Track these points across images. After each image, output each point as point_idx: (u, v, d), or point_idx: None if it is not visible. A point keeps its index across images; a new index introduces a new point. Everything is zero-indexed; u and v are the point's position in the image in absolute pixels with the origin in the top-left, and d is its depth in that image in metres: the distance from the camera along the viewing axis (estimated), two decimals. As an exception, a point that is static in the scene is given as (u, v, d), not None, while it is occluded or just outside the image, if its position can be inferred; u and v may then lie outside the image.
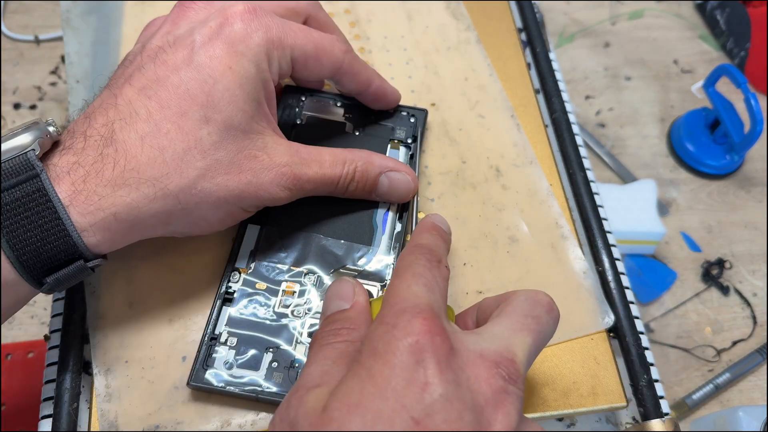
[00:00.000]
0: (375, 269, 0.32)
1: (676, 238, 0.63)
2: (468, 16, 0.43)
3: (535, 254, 0.35)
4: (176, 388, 0.30)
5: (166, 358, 0.31)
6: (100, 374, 0.30)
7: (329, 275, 0.32)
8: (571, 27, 0.76)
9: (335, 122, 0.36)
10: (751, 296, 0.60)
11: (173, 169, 0.27)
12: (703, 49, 0.75)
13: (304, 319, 0.31)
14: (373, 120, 0.37)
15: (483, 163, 0.37)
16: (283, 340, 0.30)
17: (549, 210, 0.36)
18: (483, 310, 0.28)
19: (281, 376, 0.30)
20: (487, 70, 0.41)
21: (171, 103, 0.27)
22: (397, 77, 0.40)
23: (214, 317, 0.31)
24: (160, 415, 0.30)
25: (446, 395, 0.21)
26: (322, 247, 0.33)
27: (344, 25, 0.42)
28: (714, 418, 0.51)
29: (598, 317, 0.33)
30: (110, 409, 0.30)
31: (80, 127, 0.27)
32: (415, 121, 0.37)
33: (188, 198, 0.27)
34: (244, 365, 0.30)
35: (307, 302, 0.31)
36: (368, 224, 0.34)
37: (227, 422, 0.30)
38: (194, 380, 0.29)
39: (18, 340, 0.53)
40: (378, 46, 0.41)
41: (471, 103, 0.40)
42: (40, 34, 0.69)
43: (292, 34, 0.30)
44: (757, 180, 0.66)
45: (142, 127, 0.27)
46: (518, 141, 0.38)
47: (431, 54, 0.41)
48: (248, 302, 0.31)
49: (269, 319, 0.31)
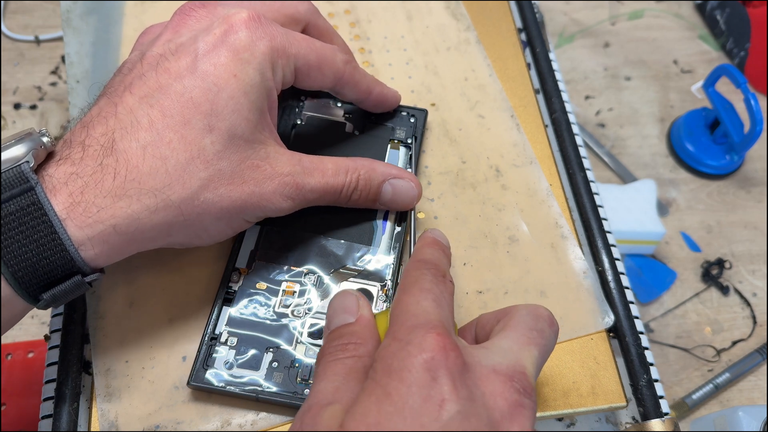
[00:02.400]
0: (375, 269, 0.32)
1: (675, 238, 0.63)
2: (468, 16, 0.43)
3: (534, 254, 0.35)
4: (176, 387, 0.30)
5: (166, 358, 0.31)
6: (100, 374, 0.30)
7: (329, 275, 0.32)
8: (571, 27, 0.76)
9: (335, 122, 0.37)
10: (751, 296, 0.60)
11: (176, 180, 0.26)
12: (702, 49, 0.75)
13: (304, 319, 0.31)
14: (373, 120, 0.37)
15: (483, 163, 0.37)
16: (284, 340, 0.30)
17: (549, 210, 0.36)
18: (482, 326, 0.28)
19: (281, 375, 0.30)
20: (486, 70, 0.41)
21: (174, 112, 0.26)
22: (397, 77, 0.40)
23: (214, 317, 0.31)
24: (160, 414, 0.30)
25: (463, 412, 0.21)
26: (322, 247, 0.33)
27: (344, 25, 0.42)
28: (714, 418, 0.51)
29: (598, 317, 0.33)
30: (110, 409, 0.30)
31: (78, 137, 0.26)
32: (415, 122, 0.37)
33: (191, 209, 0.27)
34: (245, 365, 0.30)
35: (307, 302, 0.31)
36: (368, 224, 0.34)
37: (227, 422, 0.30)
38: (194, 380, 0.29)
39: (18, 340, 0.53)
40: (378, 47, 0.42)
41: (471, 103, 0.40)
42: (41, 34, 0.69)
43: (296, 44, 0.30)
44: (757, 180, 0.66)
45: (144, 136, 0.26)
46: (518, 141, 0.38)
47: (431, 54, 0.41)
48: (248, 302, 0.31)
49: (269, 319, 0.31)
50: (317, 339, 0.31)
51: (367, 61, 0.41)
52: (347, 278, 0.32)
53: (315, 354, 0.30)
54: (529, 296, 0.33)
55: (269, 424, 0.30)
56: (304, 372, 0.30)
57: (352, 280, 0.32)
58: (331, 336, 0.26)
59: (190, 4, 0.30)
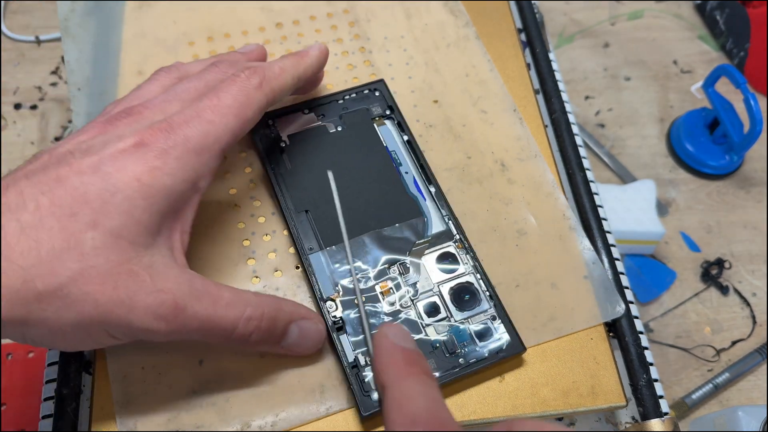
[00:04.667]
0: (439, 231, 0.34)
1: (675, 238, 0.63)
2: (466, 13, 0.43)
3: (543, 246, 0.35)
4: (194, 392, 0.30)
5: (183, 362, 0.31)
6: (117, 381, 0.30)
7: (408, 257, 0.33)
8: (571, 27, 0.76)
9: (315, 128, 0.37)
10: (751, 296, 0.60)
11: (46, 265, 0.24)
12: (702, 49, 0.75)
13: (415, 306, 0.32)
14: (344, 110, 0.37)
15: (488, 158, 0.38)
16: (413, 332, 0.31)
17: (555, 202, 0.36)
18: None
19: (433, 361, 0.30)
20: (487, 65, 0.41)
21: (63, 203, 0.25)
22: (397, 77, 0.40)
23: (340, 350, 0.30)
24: (180, 419, 0.30)
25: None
26: (384, 238, 0.33)
27: (343, 24, 0.42)
28: (713, 418, 0.51)
29: (610, 306, 0.33)
30: (129, 416, 0.30)
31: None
32: (381, 93, 0.38)
33: (52, 301, 0.25)
34: None
35: (408, 290, 0.32)
36: (407, 198, 0.35)
37: (247, 424, 0.30)
38: (366, 408, 0.29)
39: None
40: (378, 46, 0.42)
41: (473, 99, 0.40)
42: (41, 35, 0.69)
43: (225, 120, 0.29)
44: (757, 180, 0.66)
45: (26, 218, 0.25)
46: (521, 135, 0.38)
47: (431, 52, 0.42)
48: (359, 319, 0.31)
49: (388, 322, 0.31)
50: (437, 314, 0.32)
51: (368, 61, 0.41)
52: (424, 252, 0.33)
53: (446, 328, 0.31)
54: (540, 288, 0.33)
55: (289, 424, 0.30)
56: (450, 345, 0.31)
57: (429, 252, 0.33)
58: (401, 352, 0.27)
59: (117, 113, 0.29)
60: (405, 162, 0.36)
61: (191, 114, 0.29)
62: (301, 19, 0.42)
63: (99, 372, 0.31)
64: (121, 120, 0.29)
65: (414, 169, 0.36)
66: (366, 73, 0.41)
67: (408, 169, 0.36)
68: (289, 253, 0.34)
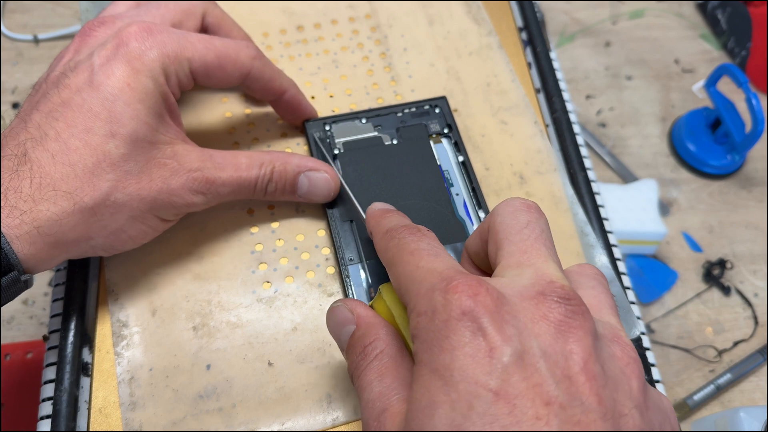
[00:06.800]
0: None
1: (677, 238, 0.62)
2: (489, 21, 0.43)
3: (561, 263, 0.34)
4: (201, 396, 0.30)
5: (190, 366, 0.31)
6: (124, 383, 0.30)
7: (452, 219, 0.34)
8: (572, 26, 0.76)
9: (370, 138, 0.36)
10: (753, 296, 0.59)
11: (86, 183, 0.28)
12: (704, 48, 0.75)
13: None
14: (402, 123, 0.37)
15: (506, 170, 0.37)
16: None
17: (574, 218, 0.36)
18: (476, 254, 0.27)
19: None
20: (509, 75, 0.40)
21: (77, 122, 0.28)
22: (418, 84, 0.40)
23: None
24: (186, 423, 0.30)
25: (515, 353, 0.20)
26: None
27: (365, 29, 0.42)
28: (715, 419, 0.51)
29: (626, 328, 0.33)
30: (134, 418, 0.30)
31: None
32: (441, 110, 0.37)
33: (103, 210, 0.28)
34: None
35: None
36: (455, 220, 0.34)
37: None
38: None
39: (17, 341, 0.52)
40: (399, 52, 0.41)
41: (493, 109, 0.39)
42: (40, 34, 0.69)
43: (191, 47, 0.30)
44: (759, 180, 0.66)
45: (53, 146, 0.27)
46: (542, 148, 0.38)
47: (452, 59, 0.41)
48: None
49: None
50: None
51: (388, 67, 0.41)
52: None
53: None
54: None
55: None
56: None
57: None
58: (347, 352, 0.25)
59: (89, 24, 0.31)
60: (457, 183, 0.35)
61: (167, 26, 0.31)
62: (322, 23, 0.42)
63: (96, 374, 0.31)
64: (97, 30, 0.31)
65: (465, 191, 0.35)
66: (386, 79, 0.40)
67: (459, 191, 0.35)
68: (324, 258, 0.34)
